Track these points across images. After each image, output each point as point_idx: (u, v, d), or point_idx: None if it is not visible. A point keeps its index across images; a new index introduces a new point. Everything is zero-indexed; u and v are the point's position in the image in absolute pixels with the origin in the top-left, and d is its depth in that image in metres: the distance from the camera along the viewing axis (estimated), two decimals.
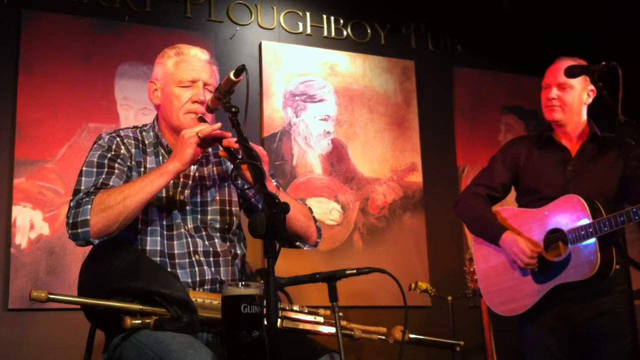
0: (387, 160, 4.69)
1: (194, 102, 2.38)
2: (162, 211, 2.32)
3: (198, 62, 2.43)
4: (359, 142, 4.64)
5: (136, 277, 2.12)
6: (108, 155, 2.31)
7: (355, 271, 2.15)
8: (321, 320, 2.34)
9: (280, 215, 1.87)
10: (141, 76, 4.09)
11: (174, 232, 2.31)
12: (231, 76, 2.20)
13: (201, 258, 2.30)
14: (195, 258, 2.29)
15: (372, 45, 4.84)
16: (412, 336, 2.60)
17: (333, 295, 2.10)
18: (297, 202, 2.41)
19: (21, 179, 3.77)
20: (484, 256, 3.32)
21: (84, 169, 2.28)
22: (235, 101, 2.26)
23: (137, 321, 2.06)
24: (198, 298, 2.16)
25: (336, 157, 4.56)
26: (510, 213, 3.28)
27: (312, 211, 2.49)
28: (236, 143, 2.17)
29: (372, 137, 4.68)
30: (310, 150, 4.50)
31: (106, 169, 2.27)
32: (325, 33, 4.73)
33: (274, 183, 2.36)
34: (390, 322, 2.59)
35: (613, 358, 2.98)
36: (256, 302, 1.86)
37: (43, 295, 2.00)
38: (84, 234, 2.13)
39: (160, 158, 2.40)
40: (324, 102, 4.59)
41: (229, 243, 2.40)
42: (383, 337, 2.51)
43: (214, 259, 2.32)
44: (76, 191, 2.23)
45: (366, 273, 2.17)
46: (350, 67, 4.71)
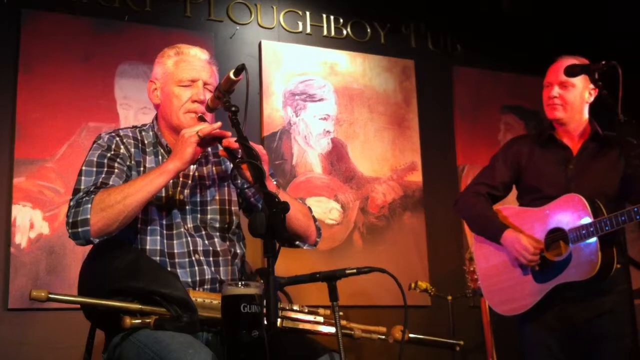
0: (387, 159, 4.69)
1: (194, 102, 2.38)
2: (162, 210, 2.32)
3: (198, 62, 2.43)
4: (359, 142, 4.64)
5: (136, 277, 2.12)
6: (108, 154, 2.31)
7: (355, 271, 2.15)
8: (321, 320, 2.34)
9: (280, 214, 1.87)
10: (141, 75, 4.09)
11: (174, 232, 2.31)
12: (231, 75, 2.20)
13: (201, 257, 2.30)
14: (195, 257, 2.29)
15: (372, 44, 4.84)
16: (412, 336, 2.59)
17: (333, 294, 2.10)
18: (297, 202, 2.41)
19: (21, 179, 3.77)
20: (485, 255, 3.32)
21: (84, 169, 2.28)
22: (235, 100, 2.25)
23: (137, 321, 2.06)
24: (198, 297, 2.16)
25: (336, 157, 4.56)
26: (511, 212, 3.28)
27: (312, 210, 2.49)
28: (236, 142, 2.17)
29: (372, 137, 4.68)
30: (310, 149, 4.49)
31: (106, 169, 2.27)
32: (325, 32, 4.73)
33: (274, 182, 2.36)
34: (390, 322, 2.59)
35: (613, 358, 2.98)
36: (256, 302, 1.86)
37: (43, 294, 2.00)
38: (84, 233, 2.13)
39: (159, 158, 2.40)
40: (324, 102, 4.59)
41: (229, 242, 2.40)
42: (383, 337, 2.51)
43: (214, 259, 2.32)
44: (76, 190, 2.23)
45: (366, 272, 2.17)
46: (350, 67, 4.71)
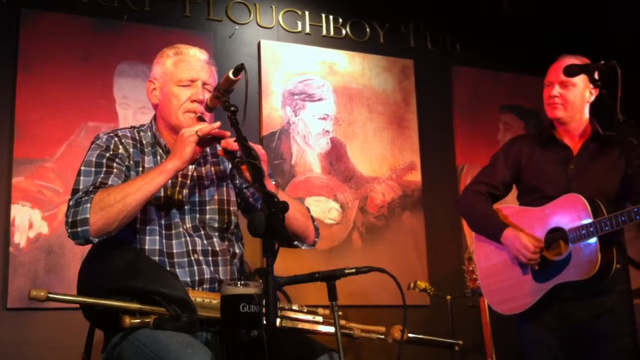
0: (386, 159, 4.69)
1: (193, 101, 2.38)
2: (161, 210, 2.32)
3: (197, 62, 2.43)
4: (358, 141, 4.64)
5: (135, 277, 2.12)
6: (106, 154, 2.31)
7: (354, 270, 2.15)
8: (320, 319, 2.34)
9: (279, 214, 1.87)
10: (140, 75, 4.09)
11: (173, 232, 2.31)
12: (230, 75, 2.20)
13: (200, 257, 2.30)
14: (194, 257, 2.29)
15: (371, 44, 4.84)
16: (411, 335, 2.59)
17: (332, 294, 2.10)
18: (296, 202, 2.41)
19: (20, 178, 3.77)
20: (485, 254, 3.32)
21: (83, 169, 2.28)
22: (234, 100, 2.25)
23: (136, 320, 2.06)
24: (197, 297, 2.16)
25: (335, 156, 4.56)
26: (511, 211, 3.27)
27: (310, 211, 2.49)
28: (235, 142, 2.17)
29: (371, 136, 4.68)
30: (309, 149, 4.49)
31: (105, 169, 2.27)
32: (324, 32, 4.73)
33: (273, 182, 2.36)
34: (389, 322, 2.59)
35: (613, 357, 2.98)
36: (255, 302, 1.86)
37: (42, 294, 2.00)
38: (84, 233, 2.13)
39: (158, 158, 2.40)
40: (323, 101, 4.59)
41: (227, 242, 2.40)
42: (382, 337, 2.51)
43: (213, 258, 2.32)
44: (75, 190, 2.23)
45: (365, 272, 2.16)
46: (349, 66, 4.71)
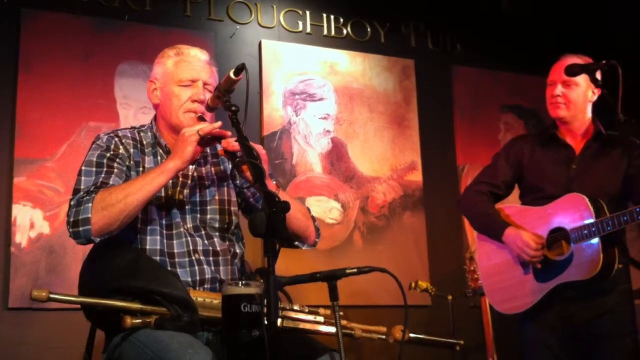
0: (387, 159, 4.69)
1: (194, 101, 2.38)
2: (162, 210, 2.32)
3: (198, 62, 2.44)
4: (359, 141, 4.63)
5: (136, 276, 2.13)
6: (107, 154, 2.31)
7: (355, 270, 2.15)
8: (321, 319, 2.34)
9: (280, 214, 1.87)
10: (141, 75, 4.09)
11: (174, 232, 2.31)
12: (231, 75, 2.20)
13: (201, 257, 2.30)
14: (195, 257, 2.29)
15: (372, 44, 4.84)
16: (412, 335, 2.60)
17: (333, 294, 2.10)
18: (296, 202, 2.41)
19: (21, 178, 3.77)
20: (487, 253, 3.31)
21: (83, 169, 2.28)
22: (235, 100, 2.25)
23: (138, 320, 2.06)
24: (198, 297, 2.16)
25: (336, 156, 4.56)
26: (513, 211, 3.27)
27: (311, 211, 2.49)
28: (236, 142, 2.17)
29: (372, 136, 4.68)
30: (310, 149, 4.49)
31: (105, 168, 2.28)
32: (325, 32, 4.73)
33: (274, 182, 2.36)
34: (390, 322, 2.59)
35: (614, 358, 2.98)
36: (256, 302, 1.86)
37: (44, 294, 2.00)
38: (85, 232, 2.13)
39: (158, 158, 2.40)
40: (324, 101, 4.59)
41: (228, 242, 2.40)
42: (383, 337, 2.51)
43: (214, 258, 2.32)
44: (76, 190, 2.24)
45: (367, 272, 2.16)
46: (350, 66, 4.71)
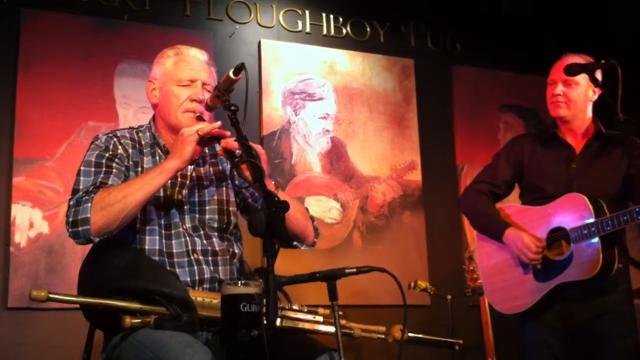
0: (387, 158, 4.69)
1: (193, 101, 2.38)
2: (160, 210, 2.32)
3: (197, 62, 2.44)
4: (358, 141, 4.63)
5: (135, 276, 2.13)
6: (106, 155, 2.31)
7: (355, 270, 2.15)
8: (320, 319, 2.34)
9: (279, 213, 1.87)
10: (140, 75, 4.08)
11: (172, 232, 2.32)
12: (230, 74, 2.20)
13: (200, 257, 2.30)
14: (193, 257, 2.29)
15: (372, 43, 4.84)
16: (412, 335, 2.60)
17: (333, 294, 2.10)
18: (295, 202, 2.41)
19: (20, 178, 3.77)
20: (487, 253, 3.31)
21: (82, 169, 2.29)
22: (234, 99, 2.26)
23: (137, 320, 2.06)
24: (198, 297, 2.16)
25: (335, 156, 4.55)
26: (513, 210, 3.27)
27: (309, 211, 2.49)
28: (235, 142, 2.17)
29: (372, 136, 4.68)
30: (309, 148, 4.49)
31: (104, 169, 2.28)
32: (324, 31, 4.72)
33: (273, 183, 2.36)
34: (389, 321, 2.59)
35: (614, 358, 2.98)
36: (255, 301, 1.86)
37: (43, 294, 2.00)
38: (85, 232, 2.13)
39: (157, 158, 2.41)
40: (323, 101, 4.59)
41: (227, 242, 2.40)
42: (382, 336, 2.51)
43: (213, 258, 2.32)
44: (75, 190, 2.24)
45: (366, 272, 2.16)
46: (349, 66, 4.71)
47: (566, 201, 3.04)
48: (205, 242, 2.34)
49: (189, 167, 2.40)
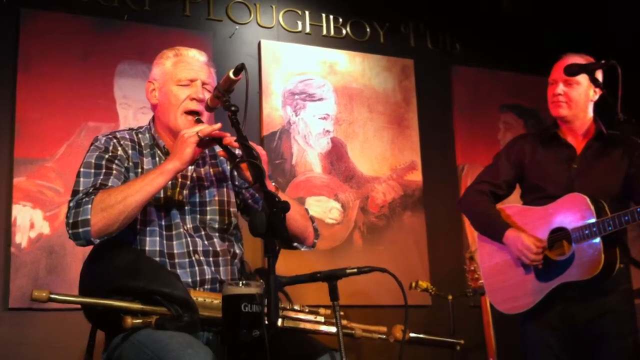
0: (387, 159, 4.69)
1: (192, 100, 2.38)
2: (161, 211, 2.32)
3: (196, 63, 2.44)
4: (359, 141, 4.63)
5: (136, 276, 2.13)
6: (105, 156, 2.31)
7: (356, 270, 2.14)
8: (322, 319, 2.34)
9: (280, 213, 1.87)
10: (140, 75, 4.08)
11: (173, 232, 2.31)
12: (230, 75, 2.20)
13: (201, 257, 2.30)
14: (195, 257, 2.29)
15: (372, 44, 4.84)
16: (413, 335, 2.59)
17: (334, 294, 2.09)
18: (295, 203, 2.40)
19: (21, 178, 3.76)
20: (488, 253, 3.30)
21: (82, 170, 2.28)
22: (234, 100, 2.25)
23: (138, 321, 2.06)
24: (199, 297, 2.16)
25: (335, 156, 4.55)
26: (514, 211, 3.26)
27: (309, 212, 2.49)
28: (236, 142, 2.17)
29: (372, 136, 4.68)
30: (309, 149, 4.49)
31: (104, 170, 2.28)
32: (324, 32, 4.73)
33: (273, 184, 2.36)
34: (390, 321, 2.59)
35: (615, 357, 2.97)
36: (257, 302, 1.86)
37: (44, 295, 2.00)
38: (85, 234, 2.13)
39: (156, 159, 2.40)
40: (324, 101, 4.59)
41: (228, 243, 2.40)
42: (383, 337, 2.51)
43: (214, 259, 2.32)
44: (75, 192, 2.24)
45: (367, 272, 2.16)
46: (349, 66, 4.71)
47: (567, 201, 3.04)
48: (206, 243, 2.34)
49: (189, 168, 2.40)
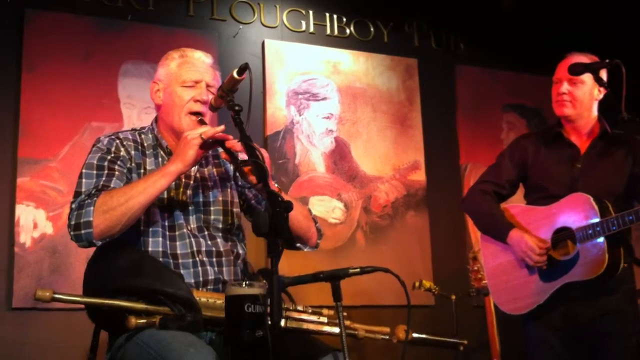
0: (390, 158, 4.68)
1: (197, 102, 2.38)
2: (164, 212, 2.32)
3: (202, 65, 2.44)
4: (362, 141, 4.63)
5: (139, 276, 2.13)
6: (107, 157, 2.31)
7: (358, 270, 2.14)
8: (325, 320, 2.34)
9: (283, 213, 1.87)
10: (144, 75, 4.08)
11: (177, 233, 2.31)
12: (234, 75, 2.20)
13: (204, 258, 2.30)
14: (198, 258, 2.29)
15: (375, 43, 4.83)
16: (415, 335, 2.59)
17: (337, 294, 2.09)
18: (298, 204, 2.40)
19: (24, 178, 3.77)
20: (492, 253, 3.29)
21: (84, 172, 2.29)
22: (238, 100, 2.26)
23: (142, 320, 2.06)
24: (202, 297, 2.16)
25: (339, 156, 4.55)
26: (518, 210, 3.25)
27: (312, 212, 2.49)
28: (239, 142, 2.17)
29: (375, 136, 4.67)
30: (313, 148, 4.49)
31: (106, 171, 2.28)
32: (328, 31, 4.72)
33: (275, 185, 2.36)
34: (393, 321, 2.58)
35: (618, 357, 2.97)
36: (260, 302, 1.86)
37: (48, 294, 2.00)
38: (87, 235, 2.14)
39: (159, 159, 2.40)
40: (327, 101, 4.59)
41: (231, 243, 2.40)
42: (386, 337, 2.51)
43: (217, 259, 2.32)
44: (77, 193, 2.24)
45: (370, 272, 2.16)
46: (353, 66, 4.71)
47: (571, 201, 3.03)
48: (209, 243, 2.34)
49: (193, 168, 2.40)
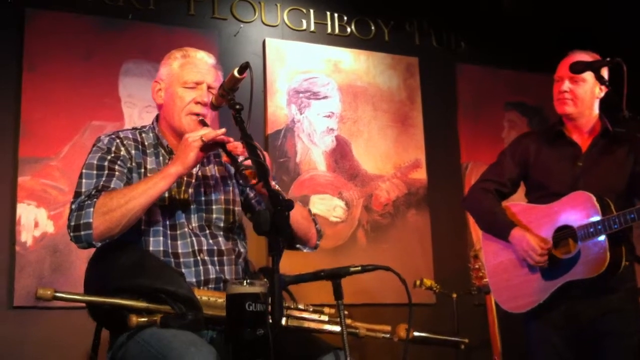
0: (391, 157, 4.68)
1: (197, 103, 2.38)
2: (165, 211, 2.32)
3: (204, 65, 2.44)
4: (363, 139, 4.63)
5: (141, 275, 2.13)
6: (108, 157, 2.31)
7: (360, 268, 2.14)
8: (326, 318, 2.34)
9: (284, 211, 1.87)
10: (145, 74, 4.08)
11: (178, 232, 2.31)
12: (235, 73, 2.20)
13: (206, 257, 2.30)
14: (200, 257, 2.29)
15: (376, 42, 4.83)
16: (417, 334, 2.58)
17: (338, 293, 2.09)
18: (298, 205, 2.40)
19: (25, 177, 3.77)
20: (494, 252, 3.29)
21: (84, 172, 2.28)
22: (239, 98, 2.26)
23: (143, 319, 2.06)
24: (203, 296, 2.16)
25: (340, 154, 4.55)
26: (519, 209, 3.25)
27: (312, 213, 2.49)
28: (240, 141, 2.17)
29: (376, 134, 4.67)
30: (314, 147, 4.49)
31: (106, 171, 2.27)
32: (329, 30, 4.72)
33: (276, 186, 2.35)
34: (394, 320, 2.58)
35: (619, 356, 2.96)
36: (261, 300, 1.86)
37: (49, 293, 2.00)
38: (87, 237, 2.13)
39: (160, 159, 2.40)
40: (328, 99, 4.59)
41: (232, 242, 2.40)
42: (387, 336, 2.51)
43: (218, 258, 2.32)
44: (77, 194, 2.24)
45: (371, 270, 2.15)
46: (354, 64, 4.71)
47: (572, 199, 3.03)
48: (211, 242, 2.34)
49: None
